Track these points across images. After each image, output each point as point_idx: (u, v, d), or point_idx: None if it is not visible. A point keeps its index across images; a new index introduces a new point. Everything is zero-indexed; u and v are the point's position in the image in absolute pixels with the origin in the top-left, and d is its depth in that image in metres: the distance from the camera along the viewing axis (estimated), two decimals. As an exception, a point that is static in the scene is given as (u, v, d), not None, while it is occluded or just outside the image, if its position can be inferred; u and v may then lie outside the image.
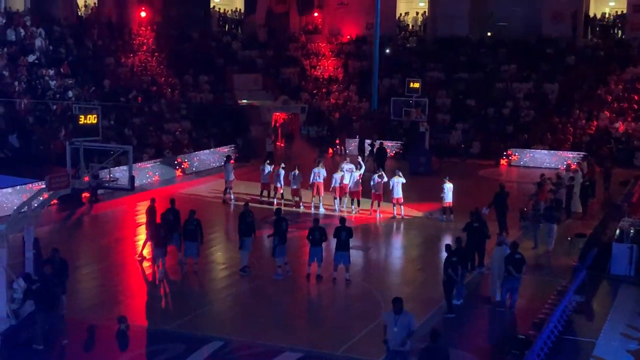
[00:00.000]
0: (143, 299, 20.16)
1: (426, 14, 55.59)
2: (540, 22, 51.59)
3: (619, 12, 51.38)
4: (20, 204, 19.23)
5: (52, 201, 23.31)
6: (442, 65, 50.41)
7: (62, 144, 30.08)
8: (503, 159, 41.65)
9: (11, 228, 17.38)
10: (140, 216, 27.19)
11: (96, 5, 47.51)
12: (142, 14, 48.56)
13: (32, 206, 18.11)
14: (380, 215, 28.45)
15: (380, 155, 37.71)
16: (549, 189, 28.19)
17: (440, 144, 43.22)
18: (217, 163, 37.99)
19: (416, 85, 39.90)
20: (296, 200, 29.64)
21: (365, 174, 30.01)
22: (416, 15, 56.62)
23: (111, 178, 19.67)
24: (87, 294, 20.20)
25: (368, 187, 28.90)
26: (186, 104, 43.26)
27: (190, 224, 21.60)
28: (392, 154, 41.23)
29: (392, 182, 28.15)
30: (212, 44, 52.09)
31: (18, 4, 41.82)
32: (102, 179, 20.79)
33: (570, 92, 46.06)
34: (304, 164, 31.15)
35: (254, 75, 50.82)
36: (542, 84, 47.33)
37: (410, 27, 56.61)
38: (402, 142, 43.62)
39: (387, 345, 14.36)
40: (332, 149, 43.74)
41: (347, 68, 53.33)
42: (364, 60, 52.45)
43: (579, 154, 39.09)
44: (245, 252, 21.74)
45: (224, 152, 38.55)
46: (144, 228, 24.90)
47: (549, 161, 40.38)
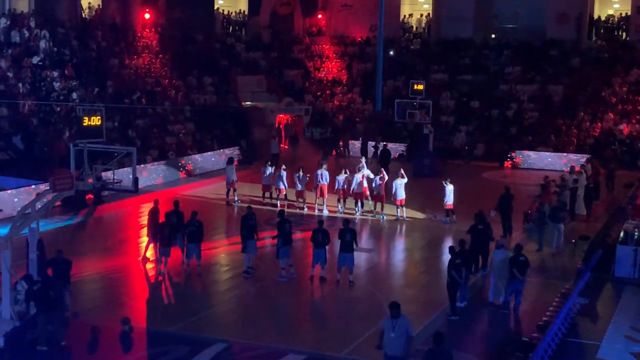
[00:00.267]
0: (146, 300, 20.17)
1: (430, 15, 55.60)
2: (545, 24, 51.54)
3: (623, 14, 51.32)
4: (24, 206, 19.24)
5: (56, 203, 23.29)
6: (446, 67, 50.36)
7: (66, 146, 30.04)
8: (507, 161, 41.58)
9: (14, 230, 17.39)
10: (144, 218, 27.20)
11: (100, 7, 47.50)
12: (146, 15, 48.56)
13: (36, 207, 18.12)
14: (384, 217, 28.44)
15: (384, 157, 37.70)
16: (553, 191, 28.16)
17: (444, 146, 43.16)
18: (221, 165, 37.96)
19: (420, 87, 39.79)
20: (300, 202, 29.64)
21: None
22: (420, 17, 56.66)
23: (115, 180, 19.69)
24: (91, 295, 20.23)
25: (371, 189, 28.87)
26: (190, 105, 43.20)
27: (192, 225, 21.62)
28: (397, 156, 41.19)
29: (395, 184, 28.13)
30: (216, 46, 52.05)
31: (22, 5, 41.80)
32: (105, 180, 20.79)
33: (574, 94, 45.95)
34: (308, 166, 31.14)
35: (258, 77, 50.73)
36: (546, 86, 47.20)
37: (414, 29, 56.65)
38: (406, 144, 43.56)
39: (384, 351, 14.22)
40: (336, 150, 43.73)
41: (351, 70, 53.31)
42: (367, 62, 52.45)
43: (584, 156, 38.98)
44: (248, 255, 21.74)
45: (228, 153, 38.54)
46: (147, 230, 24.90)
47: (553, 163, 40.28)
